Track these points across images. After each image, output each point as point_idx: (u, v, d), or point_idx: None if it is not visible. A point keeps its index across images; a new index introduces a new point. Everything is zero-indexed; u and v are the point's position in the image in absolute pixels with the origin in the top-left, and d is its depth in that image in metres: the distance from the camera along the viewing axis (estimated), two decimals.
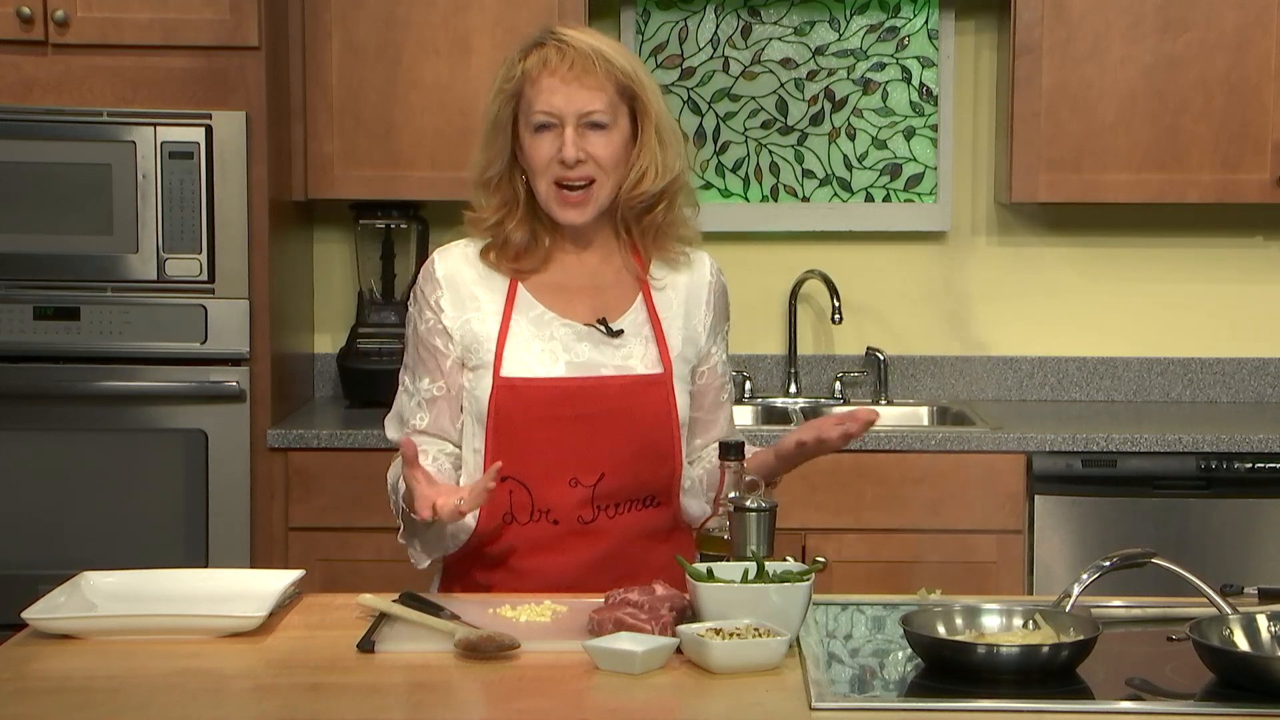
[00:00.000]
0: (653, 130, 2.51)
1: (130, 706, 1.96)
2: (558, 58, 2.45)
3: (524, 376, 2.49)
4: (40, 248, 3.79)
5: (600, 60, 2.45)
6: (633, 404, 2.50)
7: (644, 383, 2.52)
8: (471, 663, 2.11)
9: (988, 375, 4.45)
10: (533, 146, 2.47)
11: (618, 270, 2.58)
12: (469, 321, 2.53)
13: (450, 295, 2.54)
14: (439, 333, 2.53)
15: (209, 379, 3.82)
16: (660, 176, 2.51)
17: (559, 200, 2.49)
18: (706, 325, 2.61)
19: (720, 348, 2.65)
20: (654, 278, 2.58)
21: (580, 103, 2.45)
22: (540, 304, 2.53)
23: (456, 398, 2.54)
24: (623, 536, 2.51)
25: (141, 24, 3.80)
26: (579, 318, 2.53)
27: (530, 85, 2.46)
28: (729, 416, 2.69)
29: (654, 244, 2.57)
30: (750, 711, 1.94)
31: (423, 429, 2.55)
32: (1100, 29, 4.06)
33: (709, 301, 2.62)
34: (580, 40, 2.48)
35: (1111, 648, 2.13)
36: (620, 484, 2.50)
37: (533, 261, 2.54)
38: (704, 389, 2.63)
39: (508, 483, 2.49)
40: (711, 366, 2.63)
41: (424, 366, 2.55)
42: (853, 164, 4.42)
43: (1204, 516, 3.84)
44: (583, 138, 2.46)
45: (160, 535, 3.82)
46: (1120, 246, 4.42)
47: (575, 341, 2.52)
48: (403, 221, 4.27)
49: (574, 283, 2.56)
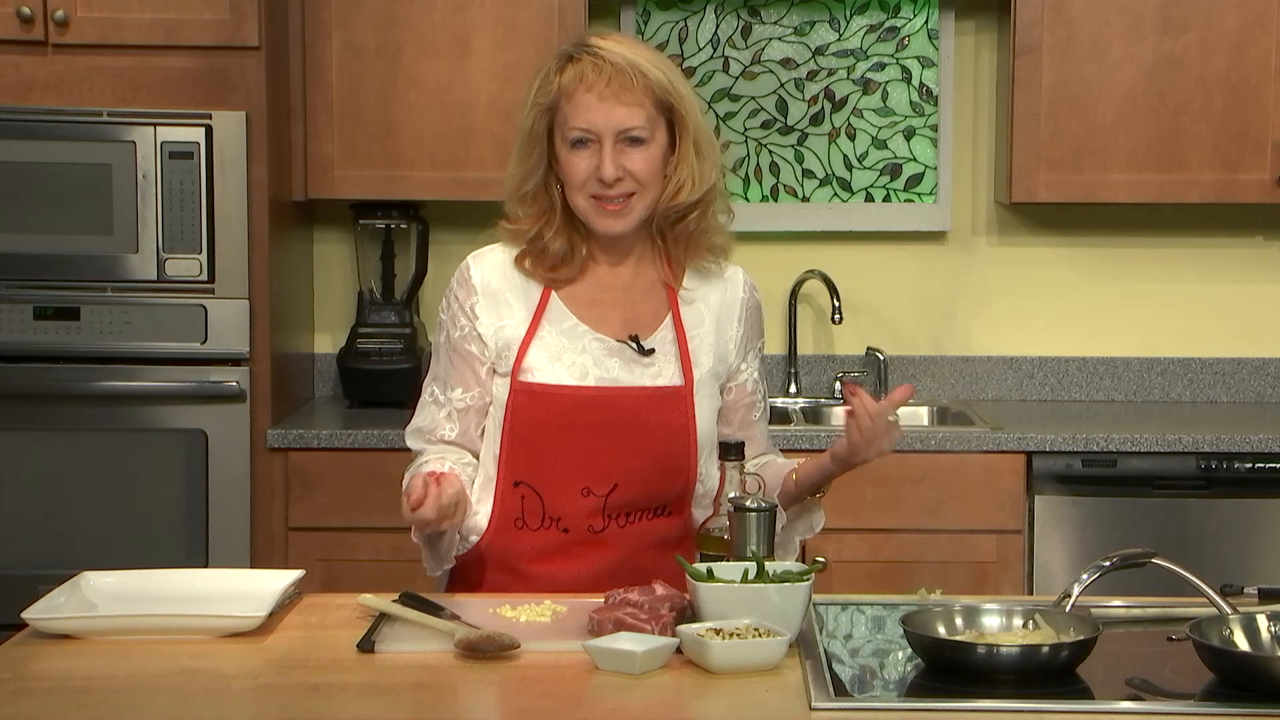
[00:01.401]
0: (690, 142, 2.48)
1: (130, 706, 1.96)
2: (594, 73, 2.42)
3: (543, 382, 2.47)
4: (40, 248, 3.79)
5: (637, 75, 2.42)
6: (650, 415, 2.48)
7: (662, 395, 2.50)
8: (471, 663, 2.11)
9: (988, 375, 4.45)
10: (570, 162, 2.45)
11: (651, 284, 2.56)
12: (503, 329, 2.50)
13: (485, 301, 2.52)
14: (474, 339, 2.51)
15: (209, 379, 3.82)
16: (697, 188, 2.49)
17: (598, 211, 2.46)
18: (737, 341, 2.59)
19: (752, 365, 2.62)
20: (686, 289, 2.56)
21: (618, 119, 2.42)
22: (573, 315, 2.51)
23: (487, 407, 2.52)
24: (633, 546, 2.50)
25: (141, 24, 3.80)
26: (611, 332, 2.51)
27: (567, 100, 2.44)
28: (764, 434, 2.65)
29: (687, 252, 2.55)
30: (750, 711, 1.94)
31: (451, 440, 2.52)
32: (1100, 29, 4.06)
33: (741, 318, 2.60)
34: (616, 53, 2.44)
35: (1111, 648, 2.13)
36: (633, 495, 2.48)
37: (569, 271, 2.52)
38: (733, 405, 2.60)
39: (520, 488, 2.48)
40: (741, 384, 2.61)
41: (456, 375, 2.52)
42: (853, 164, 4.43)
43: (1204, 516, 3.84)
44: (621, 153, 2.43)
45: (160, 535, 3.82)
46: (1120, 246, 4.42)
47: (606, 357, 2.49)
48: (403, 221, 4.27)
49: (607, 295, 2.54)
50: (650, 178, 2.46)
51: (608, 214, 2.46)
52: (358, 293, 4.35)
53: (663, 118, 2.47)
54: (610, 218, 2.47)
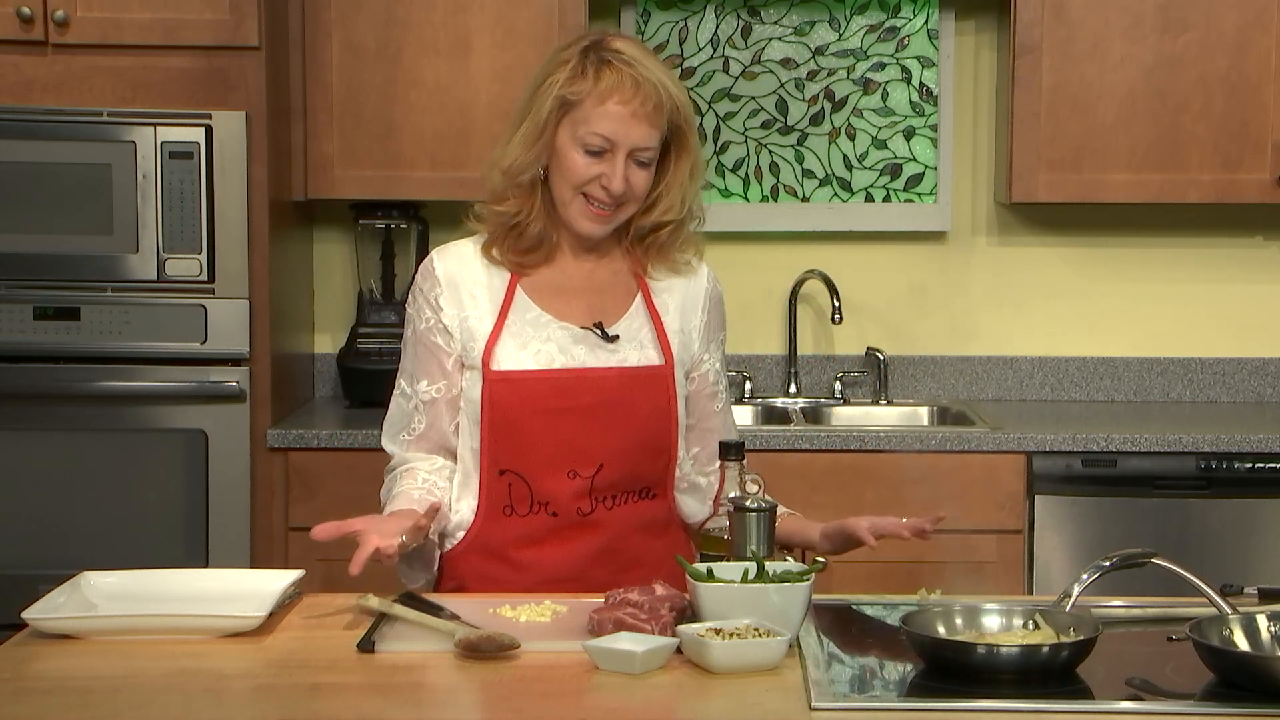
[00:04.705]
0: (688, 166, 2.52)
1: (130, 706, 1.96)
2: (632, 89, 2.44)
3: (517, 369, 2.49)
4: (40, 248, 3.79)
5: (666, 96, 2.46)
6: (631, 395, 2.51)
7: (644, 374, 2.52)
8: (471, 663, 2.11)
9: (988, 375, 4.45)
10: (576, 162, 2.47)
11: (615, 272, 2.59)
12: (467, 319, 2.53)
13: (449, 293, 2.54)
14: (439, 331, 2.54)
15: (209, 379, 3.82)
16: (681, 209, 2.54)
17: (585, 212, 2.49)
18: (700, 330, 2.62)
19: (714, 355, 2.65)
20: (653, 278, 2.59)
21: (637, 137, 2.45)
22: (537, 306, 2.54)
23: (456, 399, 2.54)
24: (621, 529, 2.52)
25: (141, 24, 3.80)
26: (575, 320, 2.54)
27: (596, 104, 2.45)
28: (727, 425, 2.67)
29: (656, 258, 2.59)
30: (750, 711, 1.94)
31: (420, 433, 2.55)
32: (1100, 29, 4.06)
33: (705, 307, 2.63)
34: (647, 68, 2.46)
35: (1111, 648, 2.13)
36: (618, 475, 2.50)
37: (538, 257, 2.55)
38: (695, 395, 2.63)
39: (506, 475, 2.50)
40: (703, 373, 2.63)
41: (423, 368, 2.55)
42: (853, 164, 4.42)
43: (1204, 516, 3.84)
44: (628, 168, 2.47)
45: (160, 535, 3.82)
46: (1120, 246, 4.42)
47: (571, 344, 2.52)
48: (403, 221, 4.27)
49: (571, 284, 2.56)
50: (644, 194, 2.52)
51: (594, 217, 2.50)
52: (358, 293, 4.35)
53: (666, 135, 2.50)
54: (595, 222, 2.50)
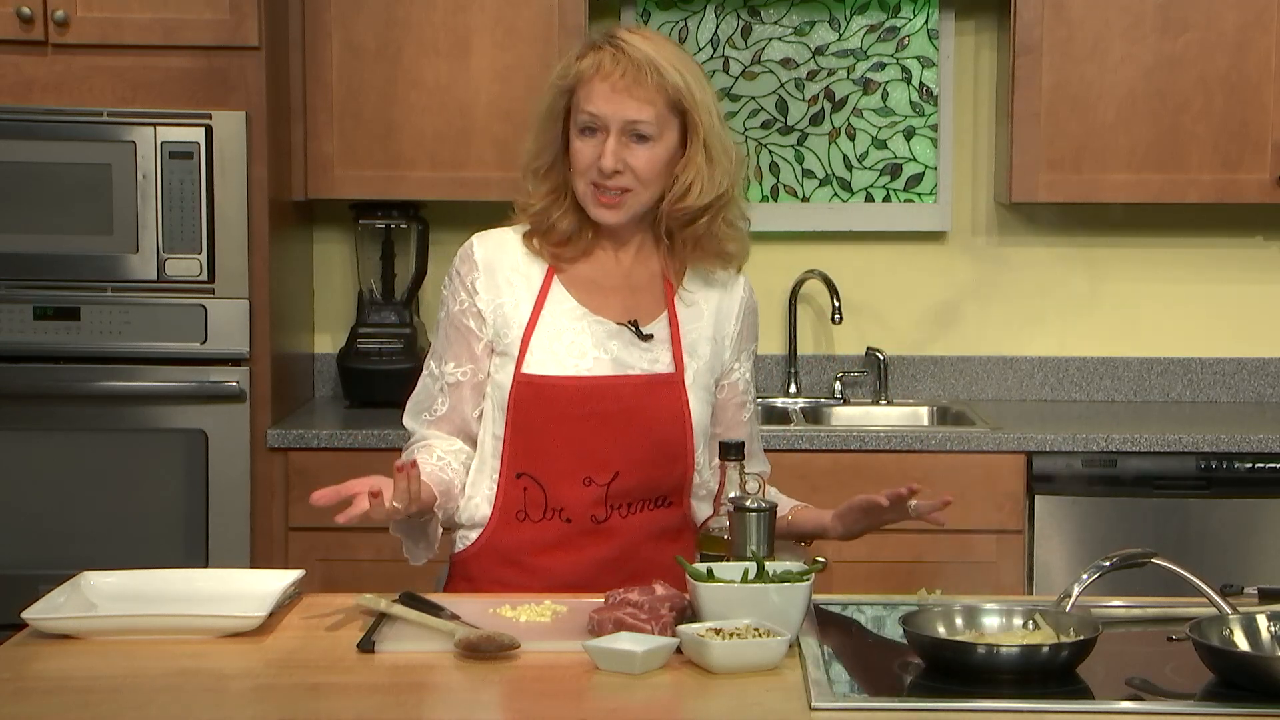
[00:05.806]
0: (700, 147, 2.50)
1: (130, 706, 1.96)
2: (611, 63, 2.46)
3: (545, 374, 2.49)
4: (40, 248, 3.79)
5: (653, 72, 2.45)
6: (646, 403, 2.51)
7: (656, 382, 2.52)
8: (471, 663, 2.11)
9: (988, 375, 4.45)
10: (576, 148, 2.49)
11: (652, 276, 2.59)
12: (502, 305, 2.53)
13: (486, 278, 2.55)
14: (472, 314, 2.54)
15: (209, 379, 3.82)
16: (705, 193, 2.51)
17: (594, 200, 2.51)
18: (733, 339, 2.62)
19: (744, 365, 2.65)
20: (686, 289, 2.59)
21: (626, 112, 2.46)
22: (573, 298, 2.54)
23: (482, 384, 2.54)
24: (634, 536, 2.52)
25: (141, 24, 3.80)
26: (611, 315, 2.54)
27: (583, 85, 2.47)
28: (753, 434, 2.67)
29: (693, 254, 2.58)
30: (750, 711, 1.94)
31: (441, 415, 2.55)
32: (1100, 29, 4.06)
33: (739, 315, 2.63)
34: (638, 48, 2.47)
35: (1111, 648, 2.13)
36: (634, 483, 2.50)
37: (574, 251, 2.56)
38: (723, 404, 2.63)
39: (522, 479, 2.50)
40: (733, 382, 2.64)
41: (451, 350, 2.55)
42: (853, 164, 4.42)
43: (1204, 516, 3.84)
44: (625, 147, 2.47)
45: (160, 535, 3.82)
46: (1120, 246, 4.42)
47: (606, 339, 2.52)
48: (403, 221, 4.27)
49: (608, 280, 2.57)
50: (650, 176, 2.49)
51: (602, 205, 2.51)
52: (358, 293, 4.35)
53: (675, 118, 2.49)
54: (604, 209, 2.51)
